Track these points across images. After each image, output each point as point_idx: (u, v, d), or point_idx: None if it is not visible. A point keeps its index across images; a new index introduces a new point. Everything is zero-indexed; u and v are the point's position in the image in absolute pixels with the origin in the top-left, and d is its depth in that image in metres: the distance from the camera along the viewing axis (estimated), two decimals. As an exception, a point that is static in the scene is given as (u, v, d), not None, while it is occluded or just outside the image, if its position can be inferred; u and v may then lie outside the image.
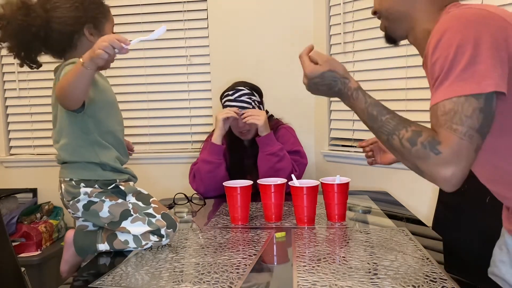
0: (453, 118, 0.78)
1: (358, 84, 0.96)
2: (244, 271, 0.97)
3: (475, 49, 0.77)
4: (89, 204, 1.14)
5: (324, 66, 0.97)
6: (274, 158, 1.71)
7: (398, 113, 0.90)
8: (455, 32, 0.80)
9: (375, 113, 0.90)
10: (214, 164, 1.74)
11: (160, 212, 1.16)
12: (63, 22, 1.13)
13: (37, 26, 1.10)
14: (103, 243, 1.14)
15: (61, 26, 1.13)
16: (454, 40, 0.79)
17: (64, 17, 1.13)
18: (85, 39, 1.17)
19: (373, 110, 0.91)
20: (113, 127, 1.19)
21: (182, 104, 2.40)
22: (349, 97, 0.95)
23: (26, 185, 2.45)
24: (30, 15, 1.09)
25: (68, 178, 1.15)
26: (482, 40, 0.78)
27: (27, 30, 1.09)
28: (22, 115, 2.49)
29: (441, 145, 0.78)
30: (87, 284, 0.94)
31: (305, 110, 2.28)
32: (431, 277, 0.90)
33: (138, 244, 1.14)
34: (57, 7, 1.13)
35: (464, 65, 0.78)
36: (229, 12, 2.31)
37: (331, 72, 0.96)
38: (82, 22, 1.15)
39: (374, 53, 1.99)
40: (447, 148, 0.78)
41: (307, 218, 1.31)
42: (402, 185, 1.89)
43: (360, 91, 0.94)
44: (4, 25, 1.09)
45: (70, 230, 1.19)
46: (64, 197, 1.17)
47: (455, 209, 1.46)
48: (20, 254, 2.05)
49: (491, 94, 0.77)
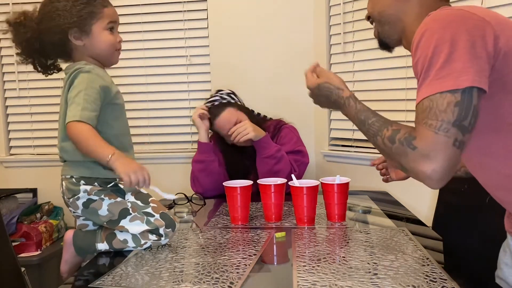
0: (429, 114, 0.79)
1: (351, 93, 1.01)
2: (244, 271, 0.97)
3: (452, 47, 0.79)
4: (88, 202, 1.14)
5: (321, 79, 1.05)
6: (271, 161, 1.70)
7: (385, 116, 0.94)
8: (433, 33, 0.82)
9: (363, 118, 0.95)
10: (206, 162, 1.74)
11: (158, 211, 1.17)
12: (51, 32, 1.15)
13: (29, 38, 1.15)
14: (102, 242, 1.15)
15: (49, 37, 1.16)
16: (432, 40, 0.81)
17: (50, 27, 1.15)
18: (73, 44, 1.17)
19: (361, 115, 0.95)
20: (118, 130, 1.21)
21: (182, 104, 2.40)
22: (343, 106, 1.01)
23: (26, 185, 2.45)
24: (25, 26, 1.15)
25: (69, 176, 1.16)
26: (458, 38, 0.79)
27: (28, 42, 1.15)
28: (22, 115, 2.50)
29: (416, 140, 0.80)
30: (87, 284, 0.94)
31: (305, 110, 2.27)
32: (431, 277, 0.90)
33: (137, 243, 1.14)
34: (43, 18, 1.16)
35: (441, 64, 0.79)
36: (229, 12, 2.31)
37: (326, 84, 1.03)
38: (66, 29, 1.15)
39: (374, 53, 1.99)
40: (421, 142, 0.79)
41: (307, 218, 1.31)
42: (402, 185, 1.88)
43: (351, 99, 0.99)
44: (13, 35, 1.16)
45: (70, 230, 1.20)
46: (65, 195, 1.18)
47: (455, 209, 1.46)
48: (20, 254, 2.05)
49: (469, 89, 0.77)
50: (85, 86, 1.10)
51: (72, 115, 1.07)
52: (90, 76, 1.12)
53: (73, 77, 1.13)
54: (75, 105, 1.08)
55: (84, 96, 1.09)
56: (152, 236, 1.14)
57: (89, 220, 1.21)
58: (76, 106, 1.08)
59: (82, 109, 1.07)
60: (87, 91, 1.10)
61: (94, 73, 1.14)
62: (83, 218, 1.21)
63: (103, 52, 1.20)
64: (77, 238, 1.17)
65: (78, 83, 1.11)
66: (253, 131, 1.69)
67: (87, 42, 1.18)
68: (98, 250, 1.15)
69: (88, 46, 1.18)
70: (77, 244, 1.16)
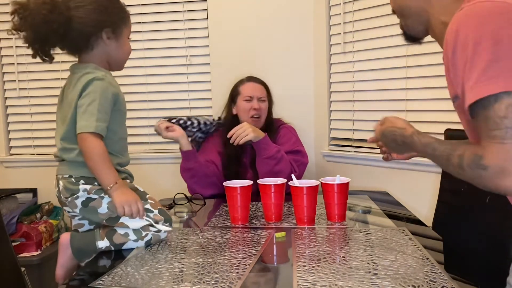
0: (488, 124, 0.74)
1: (414, 130, 0.97)
2: (244, 271, 0.97)
3: (495, 45, 0.73)
4: (87, 201, 1.15)
5: (384, 125, 1.03)
6: (271, 161, 1.70)
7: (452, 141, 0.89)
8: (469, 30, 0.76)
9: (430, 151, 0.90)
10: (193, 170, 1.74)
11: (156, 207, 1.20)
12: (84, 23, 1.14)
13: (58, 22, 1.10)
14: (102, 240, 1.14)
15: (81, 26, 1.14)
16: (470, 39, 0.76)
17: (86, 18, 1.14)
18: (102, 42, 1.18)
19: (428, 149, 0.90)
20: (121, 135, 1.22)
21: (182, 104, 2.40)
22: (410, 144, 0.96)
23: (26, 185, 2.45)
24: (55, 11, 1.10)
25: (67, 175, 1.16)
26: (501, 35, 0.74)
27: (48, 25, 1.09)
28: (22, 115, 2.49)
29: (484, 159, 0.75)
30: (87, 284, 0.94)
31: (305, 110, 2.28)
32: (431, 277, 0.90)
33: (138, 236, 1.15)
34: (80, 7, 1.13)
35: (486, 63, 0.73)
36: (229, 12, 2.31)
37: (390, 128, 1.01)
38: (102, 26, 1.16)
39: (374, 53, 1.99)
40: (491, 160, 0.74)
41: (307, 218, 1.31)
42: (402, 185, 1.89)
43: (415, 135, 0.95)
44: (25, 16, 1.09)
45: (65, 233, 1.17)
46: (62, 194, 1.17)
47: (455, 209, 1.46)
48: (20, 254, 2.05)
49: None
50: (99, 95, 1.12)
51: (87, 126, 1.10)
52: (103, 84, 1.14)
53: (86, 84, 1.13)
54: (89, 115, 1.10)
55: (98, 106, 1.11)
56: (152, 228, 1.17)
57: (86, 219, 1.21)
58: (90, 116, 1.10)
59: (96, 120, 1.10)
60: (101, 100, 1.12)
61: (107, 81, 1.15)
62: (79, 217, 1.20)
63: (120, 58, 1.24)
64: (75, 239, 1.15)
65: (92, 91, 1.12)
66: (252, 132, 1.68)
67: (113, 44, 1.19)
68: (98, 249, 1.14)
69: (111, 48, 1.20)
70: (75, 246, 1.14)
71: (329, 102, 2.21)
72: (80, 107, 1.12)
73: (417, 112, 1.85)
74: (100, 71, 1.17)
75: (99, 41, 1.18)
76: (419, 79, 1.82)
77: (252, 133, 1.68)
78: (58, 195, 1.19)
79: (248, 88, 1.88)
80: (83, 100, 1.12)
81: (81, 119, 1.11)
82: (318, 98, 2.25)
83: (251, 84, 1.90)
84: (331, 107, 2.21)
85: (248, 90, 1.88)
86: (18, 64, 2.43)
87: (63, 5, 1.12)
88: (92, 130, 1.10)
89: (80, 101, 1.12)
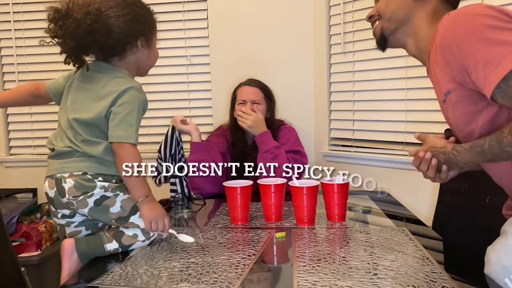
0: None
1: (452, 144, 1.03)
2: (243, 271, 0.97)
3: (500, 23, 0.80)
4: (101, 199, 1.12)
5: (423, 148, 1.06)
6: (268, 155, 1.70)
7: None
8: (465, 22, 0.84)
9: (479, 150, 0.92)
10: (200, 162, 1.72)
11: None
12: (123, 33, 1.14)
13: (101, 33, 1.10)
14: (111, 242, 1.12)
15: (120, 36, 1.14)
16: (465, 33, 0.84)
17: (125, 28, 1.14)
18: (136, 49, 1.19)
19: (476, 149, 0.93)
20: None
21: (182, 104, 2.40)
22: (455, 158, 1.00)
23: (26, 185, 2.45)
24: (98, 21, 1.10)
25: (80, 172, 1.12)
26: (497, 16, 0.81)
27: (91, 35, 1.09)
28: (22, 115, 2.49)
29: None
30: (87, 283, 0.94)
31: (305, 110, 2.28)
32: (431, 277, 0.90)
33: (146, 236, 1.16)
34: (120, 16, 1.13)
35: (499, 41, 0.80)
36: (229, 12, 2.31)
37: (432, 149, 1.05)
38: (138, 35, 1.18)
39: (374, 53, 1.98)
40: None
41: (307, 218, 1.30)
42: (402, 185, 1.89)
43: (457, 147, 0.99)
44: (68, 24, 1.08)
45: (67, 239, 1.12)
46: (67, 194, 1.11)
47: (455, 209, 1.46)
48: (20, 254, 2.05)
49: None
50: (137, 105, 1.14)
51: (128, 137, 1.12)
52: (140, 95, 1.16)
53: (124, 91, 1.13)
54: (129, 125, 1.12)
55: (137, 118, 1.14)
56: None
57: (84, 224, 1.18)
58: (130, 126, 1.12)
59: (136, 131, 1.13)
60: (139, 111, 1.15)
61: (142, 91, 1.18)
62: (76, 224, 1.17)
63: (149, 65, 1.27)
64: (80, 244, 1.11)
65: (130, 101, 1.13)
66: (250, 122, 1.73)
67: (145, 52, 1.21)
68: (107, 251, 1.11)
69: (143, 56, 1.21)
70: (81, 250, 1.10)
71: (329, 102, 2.21)
72: (116, 114, 1.11)
73: (417, 112, 1.85)
74: (132, 79, 1.19)
75: (134, 49, 1.19)
76: (419, 79, 1.82)
77: (249, 123, 1.74)
78: (55, 197, 1.13)
79: (242, 92, 1.90)
80: (120, 109, 1.12)
81: (119, 128, 1.11)
82: (318, 98, 2.25)
83: (245, 88, 1.91)
84: (331, 107, 2.21)
85: (242, 94, 1.90)
86: (18, 64, 2.43)
87: (104, 14, 1.12)
88: (133, 142, 1.12)
89: (117, 109, 1.12)
